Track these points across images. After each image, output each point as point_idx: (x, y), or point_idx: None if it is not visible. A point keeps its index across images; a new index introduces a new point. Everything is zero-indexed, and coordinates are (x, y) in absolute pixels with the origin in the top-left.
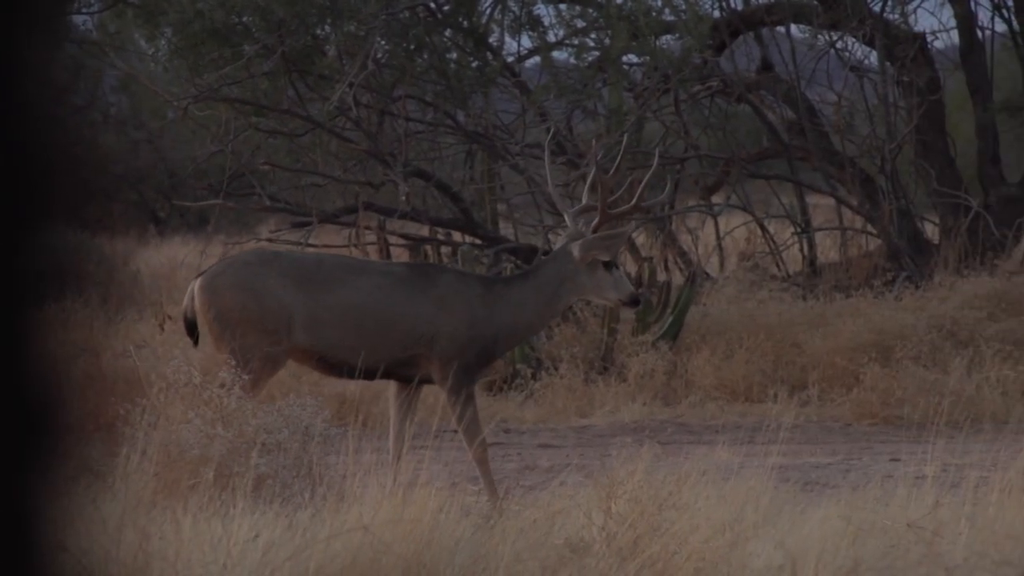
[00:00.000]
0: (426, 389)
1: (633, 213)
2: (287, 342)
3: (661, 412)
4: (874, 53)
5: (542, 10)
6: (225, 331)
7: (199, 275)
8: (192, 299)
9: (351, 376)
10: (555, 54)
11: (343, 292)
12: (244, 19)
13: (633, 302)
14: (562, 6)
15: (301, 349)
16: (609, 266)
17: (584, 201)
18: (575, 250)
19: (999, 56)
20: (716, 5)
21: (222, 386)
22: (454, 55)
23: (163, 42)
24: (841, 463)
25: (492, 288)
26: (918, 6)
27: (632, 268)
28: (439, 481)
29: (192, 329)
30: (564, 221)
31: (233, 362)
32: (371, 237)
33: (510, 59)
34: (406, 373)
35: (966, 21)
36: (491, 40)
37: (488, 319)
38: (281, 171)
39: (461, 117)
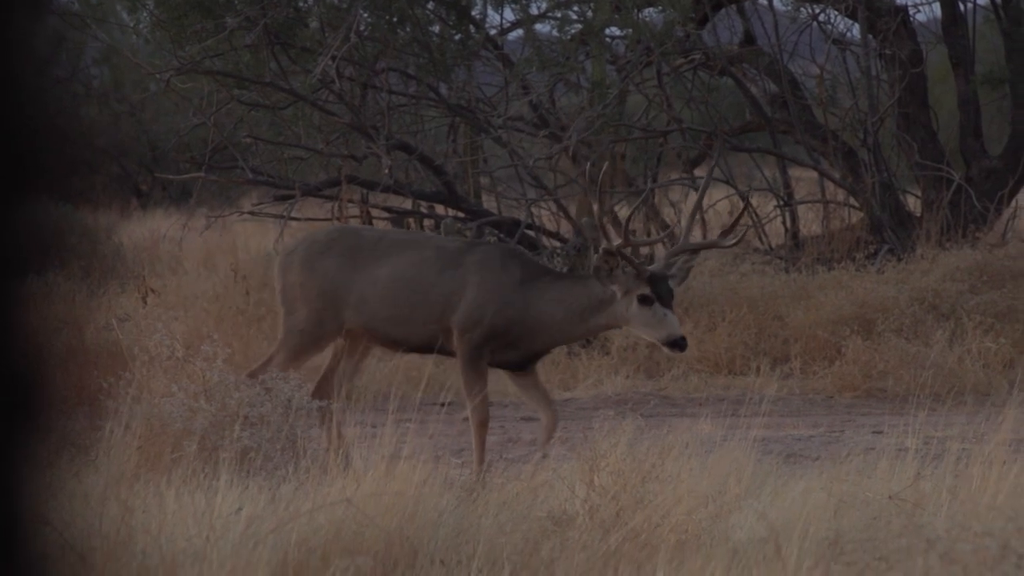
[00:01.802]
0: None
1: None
2: (333, 323)
3: (644, 385)
4: (856, 26)
5: None
6: (284, 306)
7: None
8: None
9: (408, 350)
10: (538, 27)
11: (388, 266)
12: None
13: (672, 345)
14: None
15: (353, 327)
16: (648, 301)
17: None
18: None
19: (981, 29)
20: None
21: (205, 360)
22: (437, 28)
23: (145, 14)
24: (823, 435)
25: (536, 278)
26: None
27: (615, 241)
28: (422, 454)
29: None
30: (547, 195)
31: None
32: (354, 210)
33: (493, 32)
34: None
35: None
36: (474, 13)
37: (519, 305)
38: (263, 144)
39: (444, 90)
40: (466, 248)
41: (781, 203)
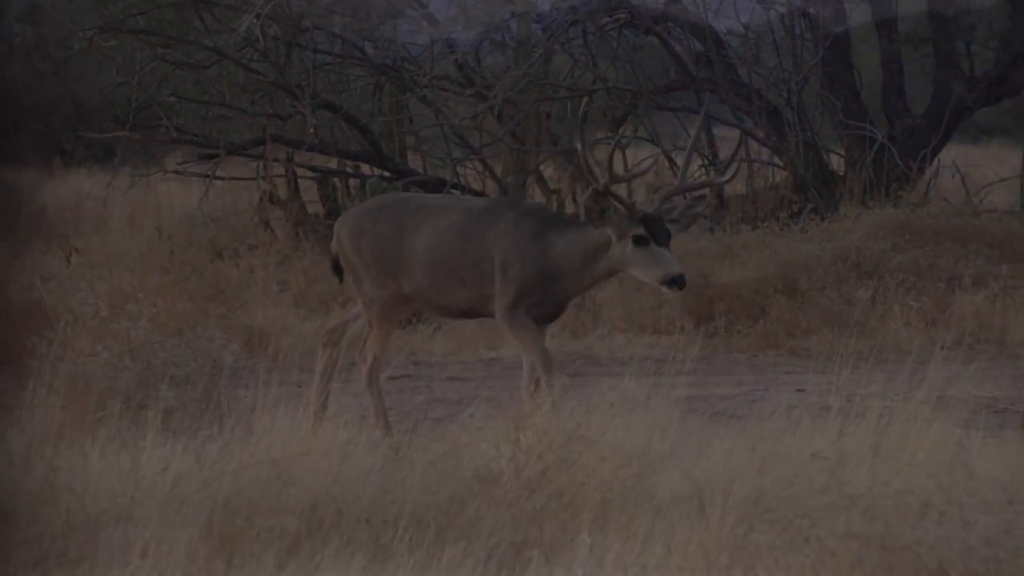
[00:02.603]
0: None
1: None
2: (391, 287)
3: (569, 344)
4: None
5: None
6: (351, 275)
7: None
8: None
9: (455, 316)
10: None
11: (424, 234)
12: None
13: (670, 283)
14: None
15: (405, 294)
16: (643, 241)
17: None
18: None
19: None
20: None
21: (130, 319)
22: None
23: None
24: (747, 394)
25: (547, 231)
26: None
27: (541, 201)
28: (347, 414)
29: (336, 266)
30: (472, 154)
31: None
32: (279, 169)
33: None
34: (485, 312)
35: None
36: None
37: (537, 258)
38: (188, 103)
39: (369, 49)
40: (485, 211)
41: (706, 162)
